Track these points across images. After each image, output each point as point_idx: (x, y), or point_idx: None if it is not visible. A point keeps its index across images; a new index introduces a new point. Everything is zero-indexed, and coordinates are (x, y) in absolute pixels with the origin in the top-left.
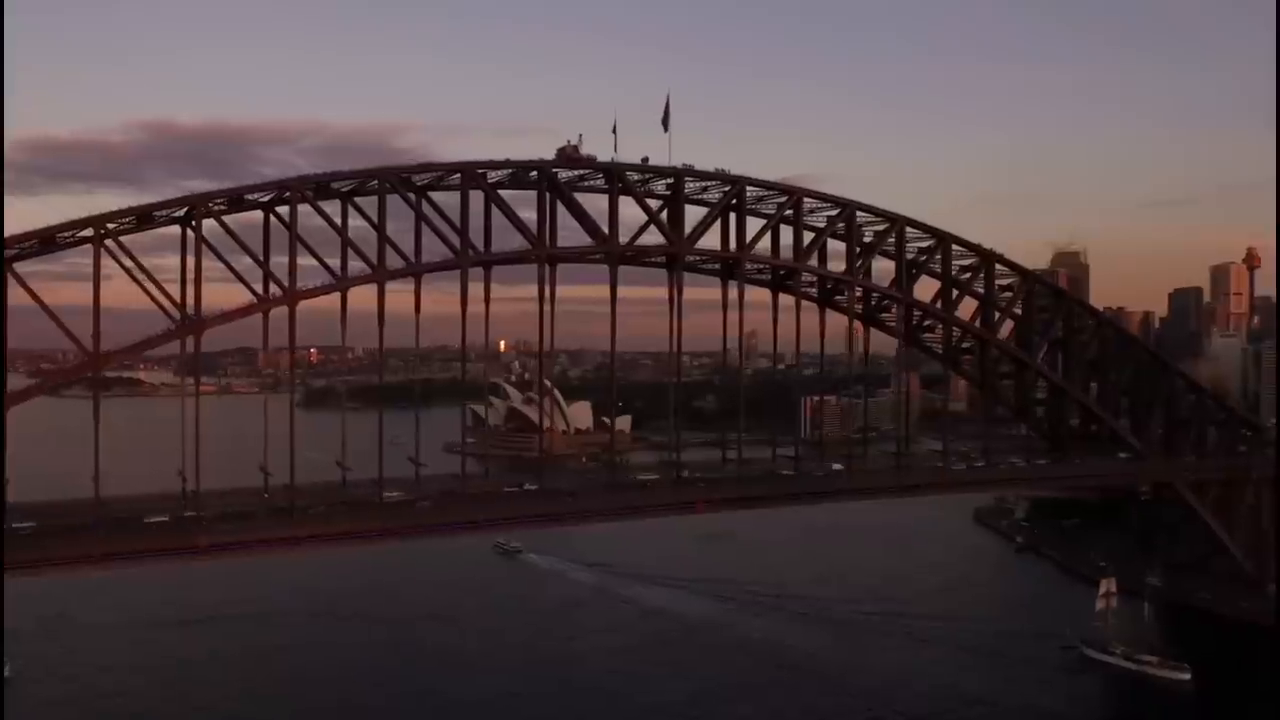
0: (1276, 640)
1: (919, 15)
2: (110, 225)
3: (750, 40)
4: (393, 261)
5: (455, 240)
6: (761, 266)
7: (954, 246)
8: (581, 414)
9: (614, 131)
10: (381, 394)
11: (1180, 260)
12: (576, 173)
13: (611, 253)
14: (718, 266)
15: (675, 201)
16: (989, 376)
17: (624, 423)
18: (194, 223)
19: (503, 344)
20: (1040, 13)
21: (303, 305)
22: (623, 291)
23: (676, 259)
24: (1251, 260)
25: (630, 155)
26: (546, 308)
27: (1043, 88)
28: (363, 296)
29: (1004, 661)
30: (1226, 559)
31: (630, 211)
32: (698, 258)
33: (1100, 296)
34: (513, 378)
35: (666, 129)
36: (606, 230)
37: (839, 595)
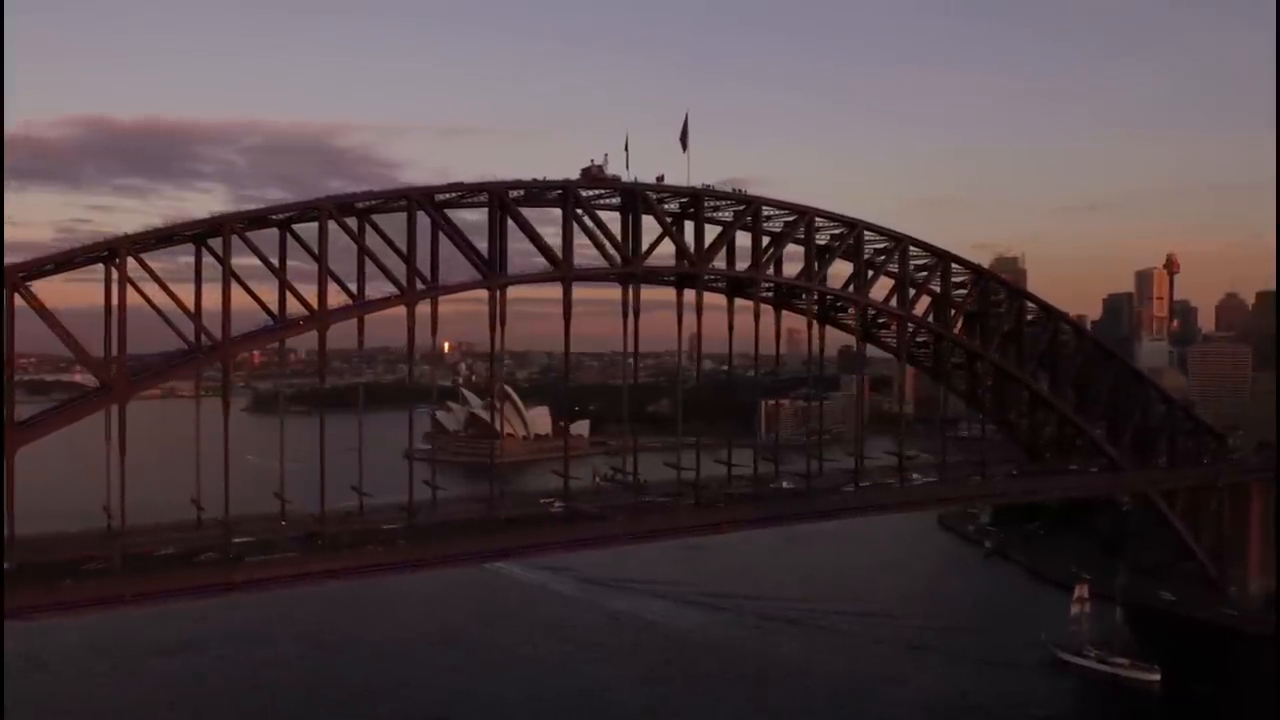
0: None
1: (852, 24)
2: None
3: (697, 44)
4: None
5: (460, 256)
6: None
7: (952, 265)
8: (540, 419)
9: (626, 149)
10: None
11: (1109, 265)
12: (593, 191)
13: (635, 274)
14: (724, 284)
15: (694, 220)
16: (977, 388)
17: (581, 427)
18: (208, 241)
19: (447, 345)
20: (978, 21)
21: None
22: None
23: (696, 278)
24: (1172, 266)
25: (570, 150)
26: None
27: (969, 95)
28: None
29: (982, 664)
30: (1191, 563)
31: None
32: (712, 276)
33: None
34: (460, 379)
35: (685, 148)
36: (614, 246)
37: (823, 601)
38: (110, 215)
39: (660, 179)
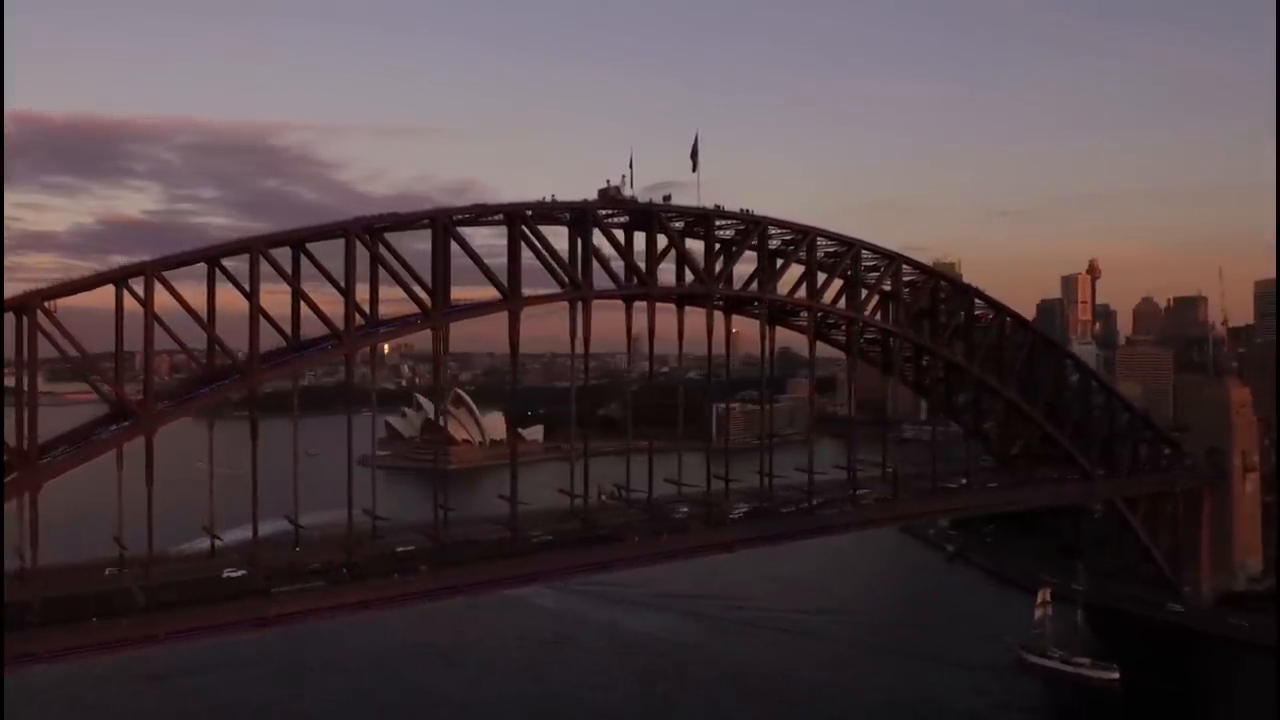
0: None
1: (787, 28)
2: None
3: (633, 46)
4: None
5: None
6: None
7: (941, 282)
8: (495, 424)
9: (630, 166)
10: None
11: (1035, 270)
12: (605, 210)
13: (651, 295)
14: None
15: (703, 239)
16: (955, 398)
17: (535, 432)
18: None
19: (386, 346)
20: (909, 28)
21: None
22: None
23: (706, 296)
24: (1094, 271)
25: (511, 151)
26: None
27: (898, 100)
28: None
29: (950, 667)
30: (1148, 566)
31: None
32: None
33: None
34: (403, 381)
35: (695, 168)
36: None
37: (795, 606)
38: (41, 214)
39: (667, 198)
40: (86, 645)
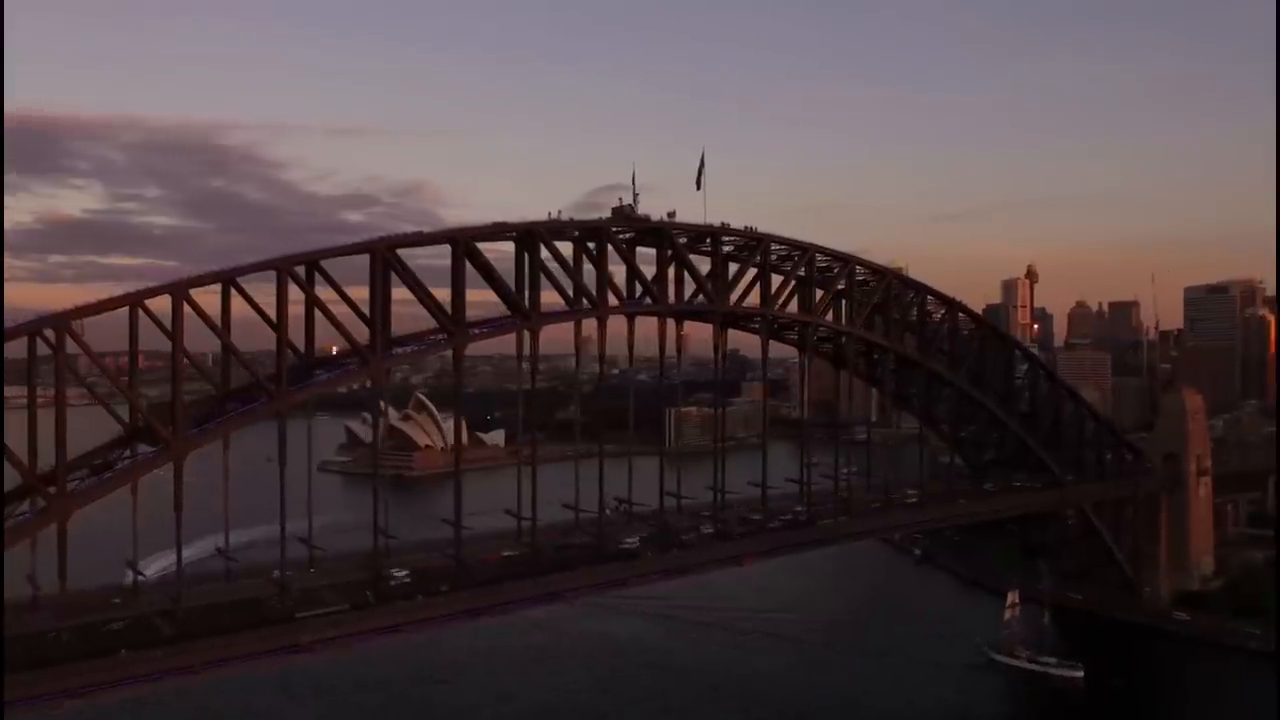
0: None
1: (732, 27)
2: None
3: (578, 47)
4: None
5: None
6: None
7: (928, 296)
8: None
9: (633, 181)
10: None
11: (974, 274)
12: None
13: (664, 312)
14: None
15: (710, 256)
16: (934, 407)
17: (496, 437)
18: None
19: (335, 349)
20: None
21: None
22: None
23: (713, 313)
24: (1032, 275)
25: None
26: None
27: (836, 104)
28: None
29: (922, 666)
30: (1111, 568)
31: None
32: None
33: None
34: (356, 385)
35: (699, 187)
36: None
37: (774, 610)
38: None
39: (672, 214)
40: (120, 679)
